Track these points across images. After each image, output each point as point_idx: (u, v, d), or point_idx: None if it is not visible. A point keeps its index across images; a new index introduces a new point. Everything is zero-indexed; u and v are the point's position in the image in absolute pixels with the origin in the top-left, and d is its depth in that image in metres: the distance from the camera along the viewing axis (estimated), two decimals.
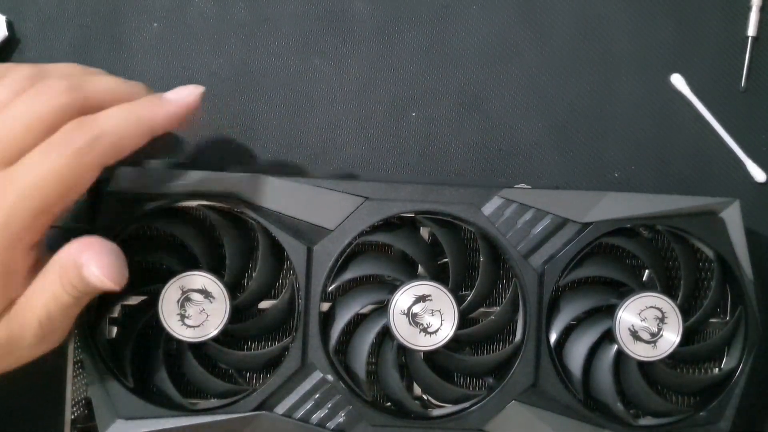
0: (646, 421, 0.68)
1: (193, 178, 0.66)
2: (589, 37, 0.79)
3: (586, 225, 0.66)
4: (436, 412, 0.67)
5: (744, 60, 0.79)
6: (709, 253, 0.69)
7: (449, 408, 0.67)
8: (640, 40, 0.79)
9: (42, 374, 0.75)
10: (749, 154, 0.78)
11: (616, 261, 0.69)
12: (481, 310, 0.68)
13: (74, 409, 0.69)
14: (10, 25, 0.76)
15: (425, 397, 0.69)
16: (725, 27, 0.79)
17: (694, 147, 0.79)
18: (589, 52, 0.79)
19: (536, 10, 0.79)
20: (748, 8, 0.79)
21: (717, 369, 0.70)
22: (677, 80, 0.79)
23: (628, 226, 0.67)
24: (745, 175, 0.79)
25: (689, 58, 0.79)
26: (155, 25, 0.77)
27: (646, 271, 0.70)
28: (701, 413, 0.67)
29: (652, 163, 0.78)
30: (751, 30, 0.79)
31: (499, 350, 0.69)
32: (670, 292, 0.68)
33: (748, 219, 0.68)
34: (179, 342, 0.66)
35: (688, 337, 0.68)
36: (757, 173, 0.78)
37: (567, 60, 0.79)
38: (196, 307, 0.65)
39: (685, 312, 0.67)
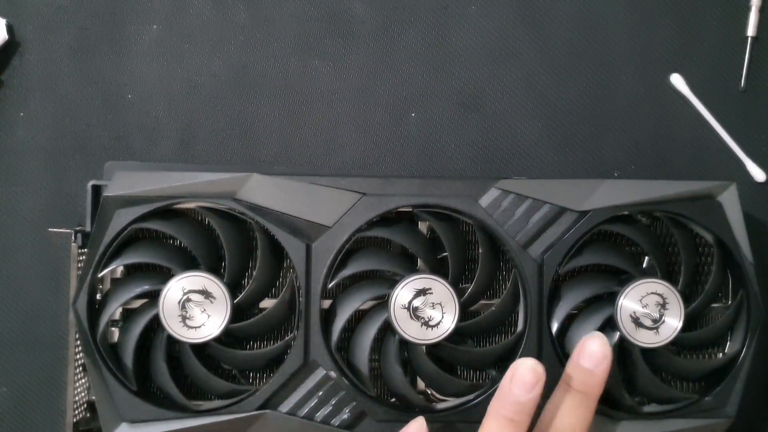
0: (652, 408, 0.68)
1: (191, 179, 0.66)
2: (589, 37, 0.79)
3: (584, 213, 0.66)
4: (440, 406, 0.67)
5: (743, 60, 0.79)
6: (709, 237, 0.69)
7: (454, 401, 0.67)
8: (639, 39, 0.79)
9: (42, 378, 0.75)
10: (749, 154, 0.78)
11: (616, 248, 0.69)
12: (482, 302, 0.68)
13: (76, 413, 0.69)
14: (9, 29, 0.77)
15: (429, 391, 0.69)
16: (725, 27, 0.80)
17: (693, 147, 0.79)
18: (589, 51, 0.79)
19: (535, 10, 0.79)
20: (748, 8, 0.79)
21: (721, 354, 0.70)
22: (677, 80, 0.79)
23: (626, 213, 0.67)
24: (744, 175, 0.79)
25: (689, 58, 0.79)
26: (155, 27, 0.78)
27: (646, 257, 0.70)
28: (706, 398, 0.67)
29: (651, 163, 0.78)
30: (751, 30, 0.79)
31: (501, 341, 0.69)
32: (670, 278, 0.68)
33: (748, 218, 0.68)
34: (181, 343, 0.66)
35: (690, 323, 0.68)
36: (757, 173, 0.78)
37: (566, 60, 0.79)
38: (197, 308, 0.65)
39: (687, 298, 0.67)
